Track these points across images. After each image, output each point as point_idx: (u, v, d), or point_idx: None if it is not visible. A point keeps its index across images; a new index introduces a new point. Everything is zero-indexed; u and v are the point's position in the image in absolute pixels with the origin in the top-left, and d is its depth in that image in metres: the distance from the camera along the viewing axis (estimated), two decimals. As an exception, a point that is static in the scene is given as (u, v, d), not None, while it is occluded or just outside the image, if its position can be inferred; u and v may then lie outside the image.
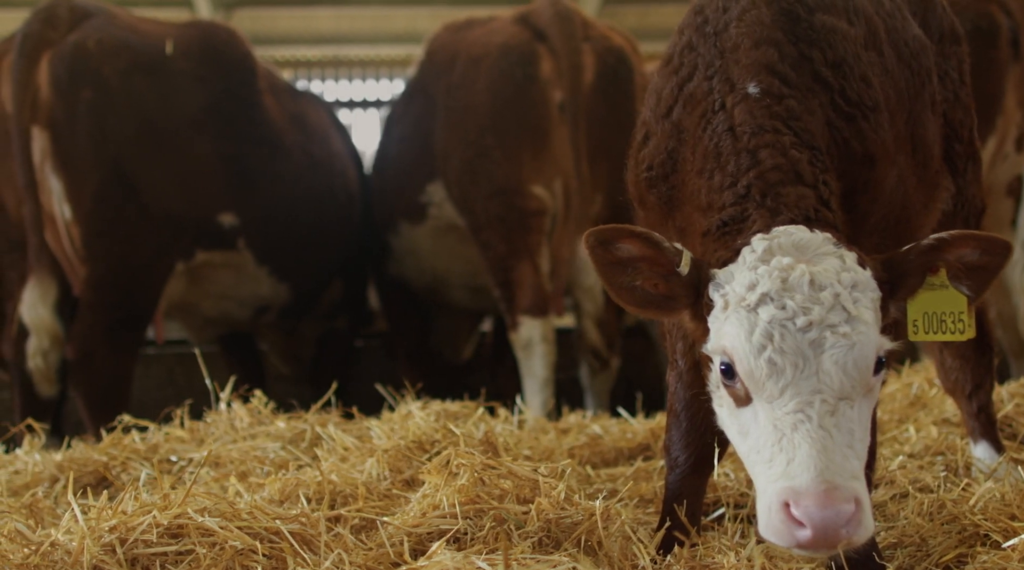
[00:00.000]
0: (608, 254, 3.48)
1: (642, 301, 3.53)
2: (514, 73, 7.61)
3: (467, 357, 9.62)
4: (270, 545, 3.76)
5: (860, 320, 3.20)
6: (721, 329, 3.33)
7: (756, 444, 3.25)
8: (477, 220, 7.67)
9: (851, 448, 3.14)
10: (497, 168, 7.56)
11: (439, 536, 3.95)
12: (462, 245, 8.15)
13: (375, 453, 4.85)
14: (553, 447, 5.59)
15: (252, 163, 7.84)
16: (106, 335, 7.34)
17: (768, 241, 3.35)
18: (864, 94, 3.74)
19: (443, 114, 7.85)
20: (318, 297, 8.91)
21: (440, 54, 8.07)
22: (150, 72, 7.45)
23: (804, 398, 3.16)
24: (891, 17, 4.09)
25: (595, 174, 7.76)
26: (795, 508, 3.04)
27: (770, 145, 3.57)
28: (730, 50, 3.77)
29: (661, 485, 4.87)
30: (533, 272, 7.54)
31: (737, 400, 3.34)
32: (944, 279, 3.41)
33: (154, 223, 7.40)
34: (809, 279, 3.23)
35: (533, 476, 4.13)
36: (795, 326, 3.19)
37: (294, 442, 5.49)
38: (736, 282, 3.32)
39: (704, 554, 3.85)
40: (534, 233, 7.59)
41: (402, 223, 8.39)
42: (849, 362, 3.16)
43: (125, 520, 3.73)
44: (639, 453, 5.69)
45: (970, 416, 5.02)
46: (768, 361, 3.19)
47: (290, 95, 8.65)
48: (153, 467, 5.35)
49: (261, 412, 5.81)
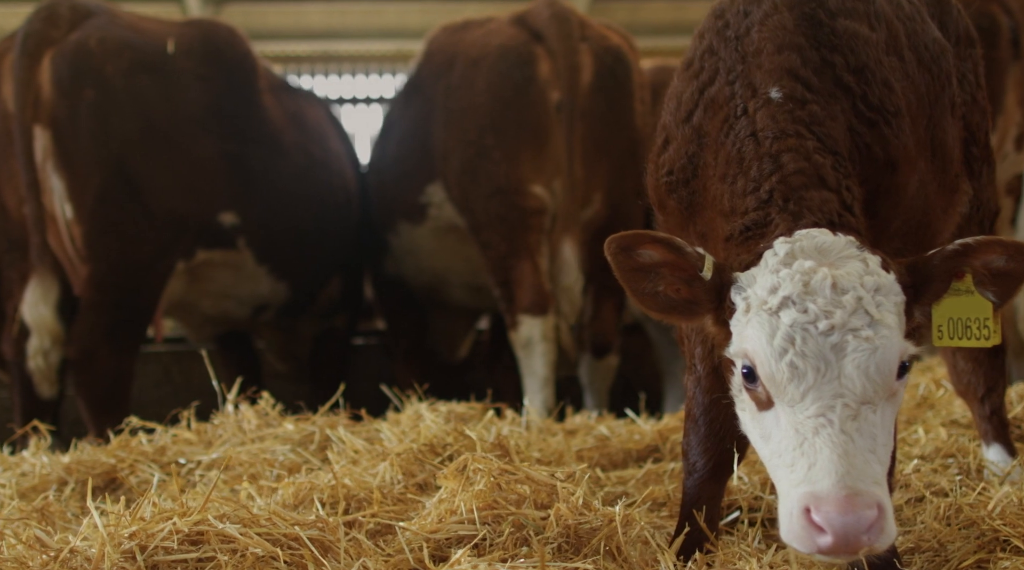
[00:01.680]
0: (630, 260, 3.46)
1: (664, 306, 3.51)
2: (512, 74, 7.61)
3: (464, 356, 9.59)
4: (290, 551, 3.75)
5: (883, 324, 3.19)
6: (743, 333, 3.32)
7: (778, 448, 3.24)
8: (477, 220, 7.66)
9: (873, 453, 3.13)
10: (497, 168, 7.55)
11: (457, 542, 3.95)
12: (462, 245, 8.14)
13: (387, 456, 4.83)
14: (562, 449, 5.57)
15: (253, 162, 7.81)
16: (107, 335, 7.30)
17: (790, 244, 3.34)
18: (886, 99, 3.74)
19: (442, 115, 7.84)
20: (316, 296, 8.88)
21: (438, 55, 8.06)
22: (152, 71, 7.42)
23: (826, 402, 3.14)
24: (911, 20, 4.08)
25: (595, 173, 7.76)
26: (816, 514, 3.03)
27: (793, 149, 3.57)
28: (752, 54, 3.76)
29: (674, 488, 4.87)
30: (533, 271, 7.53)
31: (759, 404, 3.32)
32: (970, 285, 3.39)
33: (156, 222, 7.37)
34: (832, 283, 3.21)
35: (551, 481, 4.12)
36: (817, 330, 3.17)
37: (303, 444, 5.48)
38: (758, 285, 3.31)
39: (725, 560, 3.84)
40: (534, 232, 7.58)
41: (402, 223, 8.37)
42: (872, 366, 3.15)
43: (145, 526, 3.70)
44: (648, 455, 5.68)
45: (983, 419, 5.02)
46: (789, 365, 3.18)
47: (289, 94, 8.62)
48: (161, 470, 5.33)
49: (269, 414, 5.79)
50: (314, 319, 9.05)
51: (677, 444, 5.67)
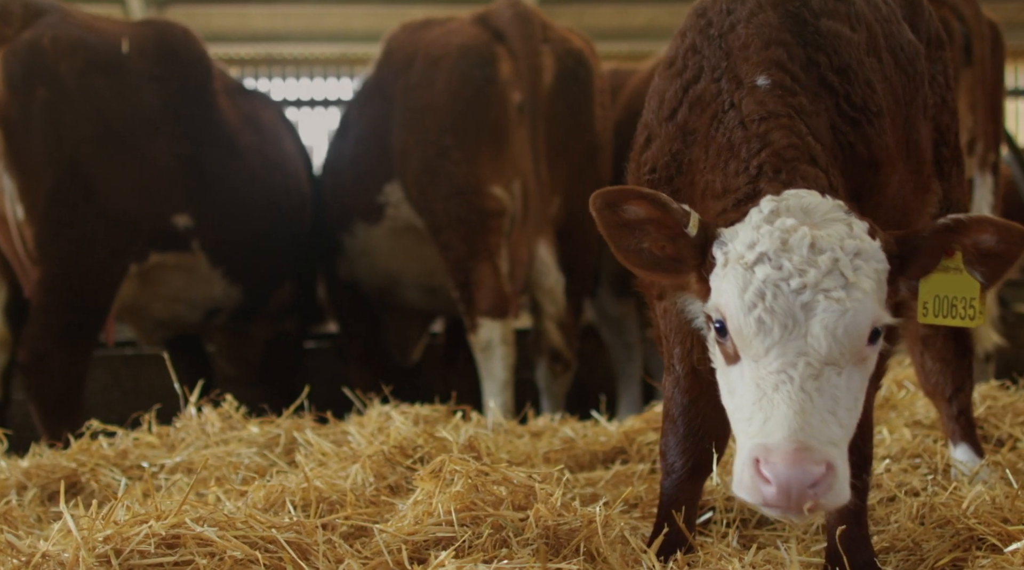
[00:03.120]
0: (615, 216, 3.46)
1: (649, 263, 3.52)
2: (473, 74, 7.54)
3: (417, 359, 9.53)
4: (268, 554, 3.69)
5: (857, 287, 3.20)
6: (719, 286, 3.34)
7: (740, 403, 3.26)
8: (437, 221, 7.59)
9: (833, 415, 3.14)
10: (457, 168, 7.49)
11: (435, 544, 3.92)
12: (418, 245, 8.07)
13: (357, 459, 4.79)
14: (529, 451, 5.55)
15: (207, 164, 7.71)
16: (59, 338, 7.17)
17: (776, 202, 3.35)
18: (869, 99, 3.76)
19: (401, 114, 7.76)
20: (269, 299, 8.79)
21: (398, 54, 7.98)
22: (106, 71, 7.30)
23: (789, 359, 3.16)
24: (887, 22, 4.10)
25: (553, 176, 7.72)
26: (764, 465, 3.05)
27: (784, 127, 3.58)
28: (738, 50, 3.76)
29: (645, 489, 4.87)
30: (493, 273, 7.48)
31: (727, 358, 3.35)
32: (959, 263, 3.39)
33: (109, 224, 7.25)
34: (810, 242, 3.23)
35: (528, 482, 4.10)
36: (789, 287, 3.19)
37: (268, 447, 5.41)
38: (738, 240, 3.33)
39: (706, 560, 3.84)
40: (494, 234, 7.53)
41: (358, 223, 8.29)
42: (840, 328, 3.16)
43: (119, 530, 3.64)
44: (614, 457, 5.68)
45: (950, 419, 5.06)
46: (757, 320, 3.19)
47: (243, 95, 8.53)
48: (123, 474, 5.25)
49: (232, 416, 5.72)
50: (266, 322, 8.96)
51: (643, 446, 5.67)
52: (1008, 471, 4.64)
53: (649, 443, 5.67)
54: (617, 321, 9.34)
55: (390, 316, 9.03)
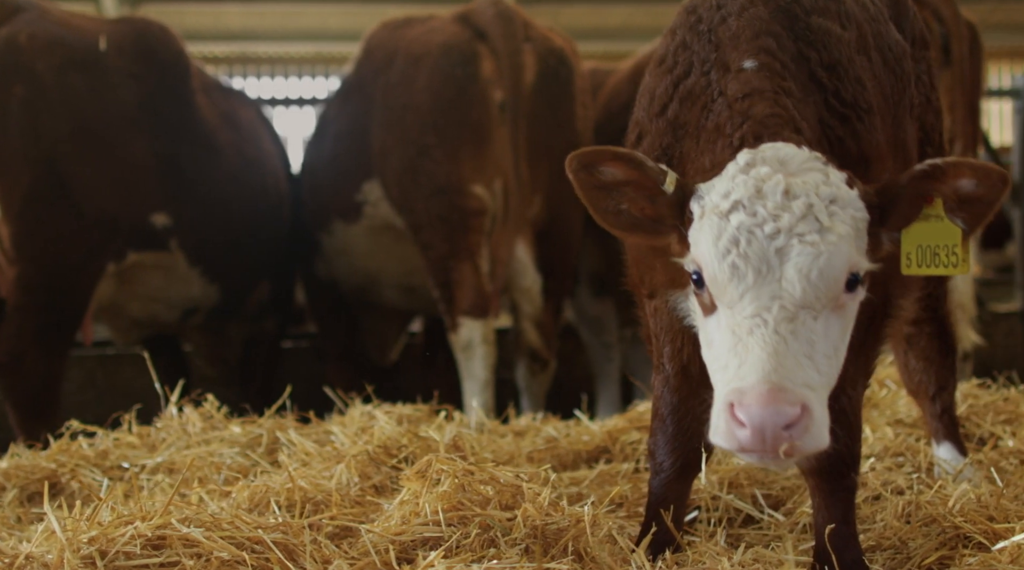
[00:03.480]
0: (591, 178, 3.47)
1: (628, 225, 3.51)
2: (455, 72, 7.52)
3: (395, 359, 9.50)
4: (254, 555, 3.67)
5: (832, 231, 3.19)
6: (695, 239, 3.33)
7: (717, 352, 3.26)
8: (418, 220, 7.56)
9: (809, 359, 3.13)
10: (438, 167, 7.46)
11: (423, 544, 3.90)
12: (397, 244, 8.04)
13: (342, 459, 4.76)
14: (512, 451, 5.54)
15: (186, 163, 7.66)
16: (36, 338, 7.11)
17: (753, 154, 3.36)
18: (859, 96, 3.75)
19: (381, 112, 7.72)
20: (247, 298, 8.74)
21: (378, 52, 7.94)
22: (84, 69, 7.24)
23: (763, 303, 3.15)
24: (875, 22, 4.10)
25: (535, 175, 7.70)
26: (738, 408, 3.04)
27: (768, 100, 3.58)
28: (728, 40, 3.75)
29: (630, 488, 4.86)
30: (474, 273, 7.46)
31: (704, 309, 3.34)
32: (940, 210, 3.38)
33: (86, 223, 7.19)
34: (784, 188, 3.23)
35: (516, 482, 4.08)
36: (763, 233, 3.19)
37: (250, 447, 5.38)
38: (714, 192, 3.32)
39: (695, 559, 3.84)
40: (475, 233, 7.50)
41: (336, 222, 8.24)
42: (814, 271, 3.16)
43: (104, 531, 3.60)
44: (598, 456, 5.66)
45: (933, 417, 5.07)
46: (731, 265, 3.19)
47: (222, 94, 8.48)
48: (104, 474, 5.21)
49: (214, 416, 5.68)
50: (244, 322, 8.90)
51: (627, 445, 5.66)
52: (992, 470, 4.65)
53: (632, 442, 5.67)
54: (596, 320, 9.33)
55: (368, 315, 8.99)
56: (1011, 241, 13.04)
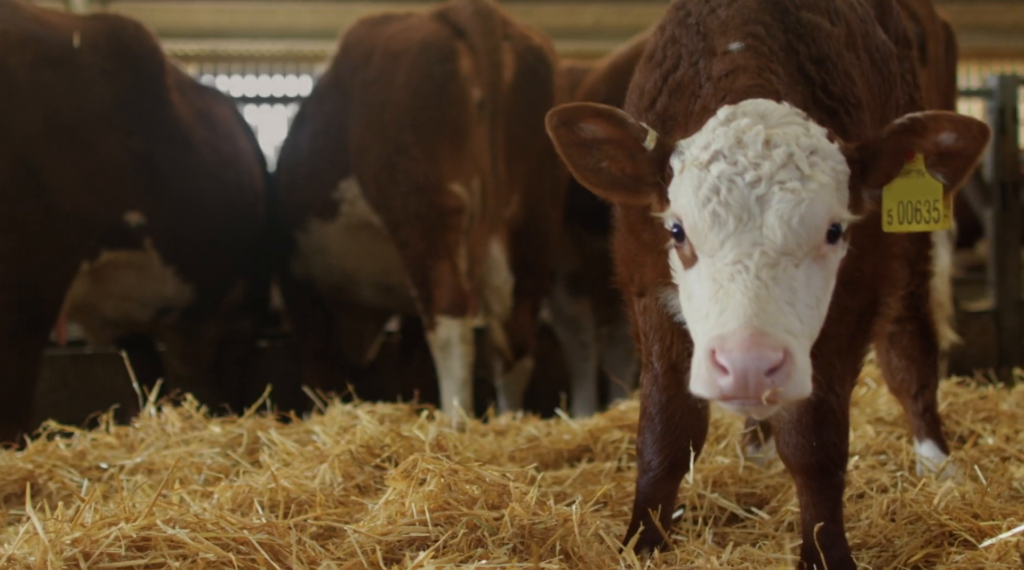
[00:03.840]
0: (571, 134, 3.46)
1: (608, 183, 3.51)
2: (433, 70, 7.47)
3: (372, 358, 9.46)
4: (240, 556, 3.63)
5: (813, 179, 3.20)
6: (676, 192, 3.33)
7: (697, 304, 3.24)
8: (395, 218, 7.52)
9: (791, 305, 3.12)
10: (416, 165, 7.42)
11: (409, 544, 3.87)
12: (374, 243, 8.00)
13: (323, 458, 4.73)
14: (494, 450, 5.52)
15: (160, 160, 7.59)
16: (9, 337, 7.02)
17: (733, 109, 3.36)
18: (848, 91, 3.75)
19: (359, 110, 7.67)
20: (222, 298, 8.68)
21: (356, 49, 7.89)
22: (57, 65, 7.16)
23: (744, 249, 3.15)
24: (863, 22, 4.10)
25: (512, 174, 7.68)
26: (719, 354, 3.02)
27: (751, 73, 3.59)
28: (716, 29, 3.74)
29: (612, 487, 4.84)
30: (452, 271, 7.42)
31: (685, 262, 3.34)
32: (921, 165, 3.39)
33: (60, 221, 7.11)
34: (764, 138, 3.23)
35: (502, 481, 4.06)
36: (743, 181, 3.19)
37: (230, 447, 5.34)
38: (694, 145, 3.33)
39: (683, 558, 3.83)
40: (453, 232, 7.47)
41: (313, 220, 8.19)
42: (795, 217, 3.16)
43: (88, 532, 3.56)
44: (580, 455, 5.65)
45: (915, 415, 5.09)
46: (711, 213, 3.19)
47: (197, 91, 8.41)
48: (82, 475, 5.16)
49: (193, 416, 5.63)
50: (219, 321, 8.83)
51: (609, 444, 5.65)
52: (976, 467, 4.66)
53: (614, 441, 5.65)
54: (573, 320, 9.32)
55: (345, 315, 8.95)
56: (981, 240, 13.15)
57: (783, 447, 3.91)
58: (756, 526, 4.44)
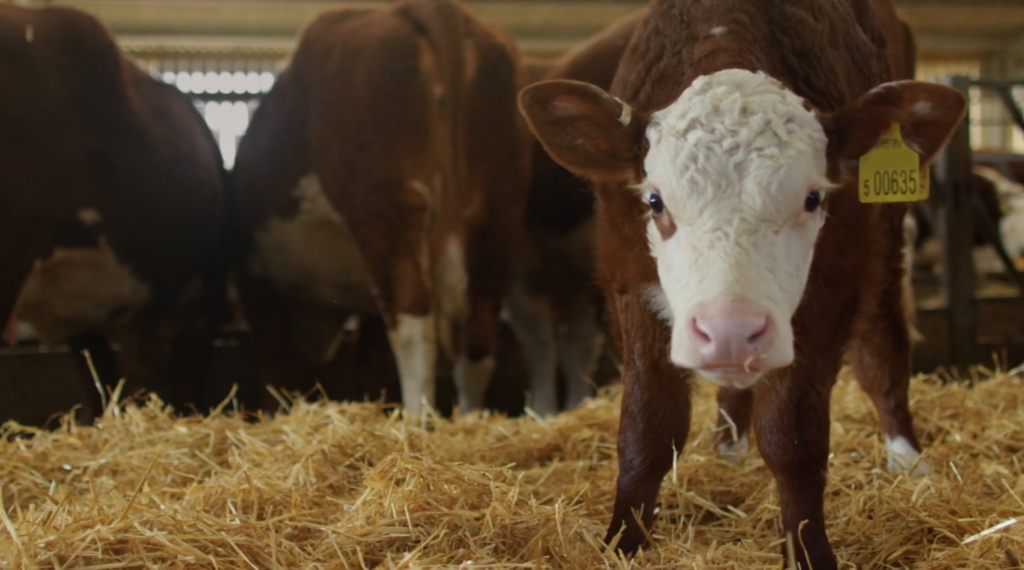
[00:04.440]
0: (545, 113, 3.44)
1: (584, 160, 3.49)
2: (395, 66, 7.39)
3: (330, 358, 9.37)
4: (219, 558, 3.57)
5: (791, 146, 3.19)
6: (653, 162, 3.31)
7: (677, 273, 3.22)
8: (356, 216, 7.43)
9: (771, 272, 3.11)
10: (377, 163, 7.33)
11: (389, 545, 3.82)
12: (334, 241, 7.91)
13: (297, 459, 4.66)
14: (465, 449, 5.47)
15: (115, 157, 7.46)
16: (-38, 337, 6.92)
17: (708, 78, 3.36)
18: (831, 85, 3.74)
19: (319, 107, 7.57)
20: (178, 297, 8.56)
21: (316, 45, 7.79)
22: (10, 60, 7.02)
23: (723, 216, 3.14)
24: (844, 21, 4.10)
25: (474, 173, 7.61)
26: (701, 321, 3.00)
27: (731, 52, 3.57)
28: (700, 16, 3.73)
29: (587, 487, 4.81)
30: (414, 270, 7.35)
31: (664, 232, 3.32)
32: (897, 135, 3.38)
33: (12, 219, 6.97)
34: (741, 106, 3.23)
35: (483, 480, 4.02)
36: (721, 148, 3.18)
37: (197, 447, 5.25)
38: (670, 115, 3.31)
39: (667, 557, 3.80)
40: (414, 230, 7.39)
41: (273, 218, 8.09)
42: (774, 184, 3.15)
43: (63, 535, 3.48)
44: (550, 454, 5.62)
45: (887, 413, 5.10)
46: (690, 181, 3.18)
47: (153, 87, 8.29)
48: (44, 477, 5.05)
49: (157, 416, 5.54)
50: (175, 321, 8.72)
51: (579, 443, 5.62)
52: (952, 464, 4.68)
53: (584, 440, 5.63)
54: (531, 319, 9.27)
55: (303, 314, 8.86)
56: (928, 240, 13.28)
57: (765, 445, 3.90)
58: (733, 524, 4.42)
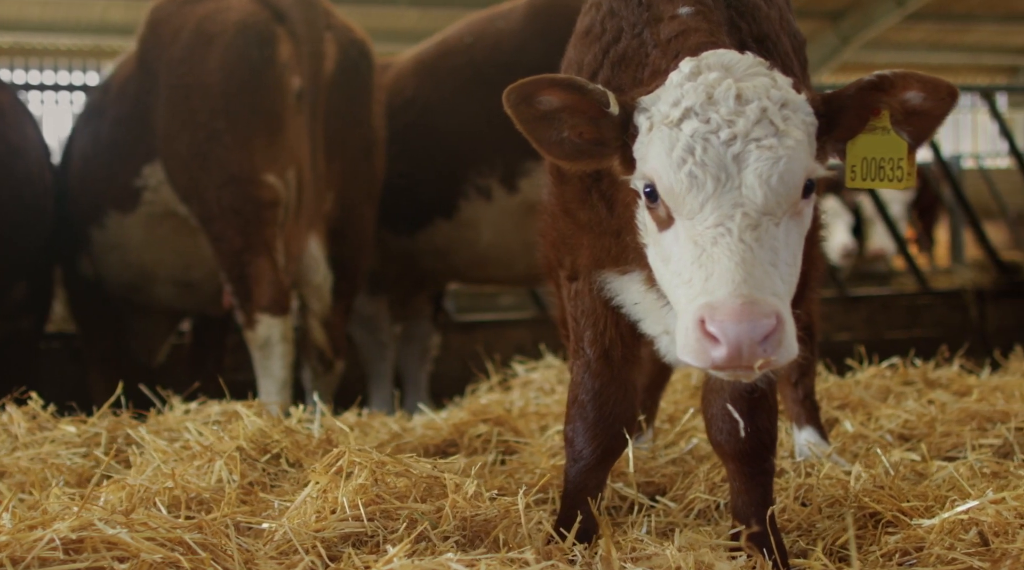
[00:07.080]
0: (531, 109, 3.38)
1: (572, 153, 3.43)
2: (250, 54, 7.04)
3: (161, 360, 9.00)
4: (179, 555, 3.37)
5: (788, 135, 3.18)
6: (644, 153, 3.28)
7: (677, 267, 3.19)
8: (209, 210, 7.07)
9: (774, 267, 3.10)
10: (229, 154, 6.98)
11: (344, 540, 3.70)
12: (176, 235, 7.56)
13: (213, 456, 4.45)
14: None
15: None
16: None
17: (696, 61, 3.32)
18: (787, 70, 3.76)
19: (166, 92, 7.16)
20: (3, 297, 8.07)
21: (164, 26, 7.32)
22: None
23: (725, 211, 3.11)
24: (782, 9, 4.15)
25: (329, 170, 7.35)
26: (710, 324, 2.97)
27: (703, 32, 3.55)
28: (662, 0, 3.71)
29: (503, 479, 4.74)
30: (271, 267, 7.06)
31: (660, 224, 3.27)
32: (887, 122, 3.40)
33: None
34: (736, 93, 3.20)
35: (435, 473, 3.93)
36: (719, 139, 3.15)
37: (87, 447, 4.96)
38: (661, 102, 3.27)
39: (632, 546, 3.76)
40: (270, 226, 7.07)
41: (110, 213, 7.69)
42: (774, 176, 3.13)
43: (15, 536, 3.22)
44: (447, 449, 5.52)
45: (795, 403, 5.19)
46: (688, 175, 3.14)
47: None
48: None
49: (39, 416, 5.20)
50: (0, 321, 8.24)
51: (475, 438, 5.55)
52: (879, 451, 4.77)
53: (480, 435, 5.55)
54: (370, 319, 9.08)
55: (136, 315, 8.48)
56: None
57: (716, 434, 3.90)
58: (662, 514, 4.41)
